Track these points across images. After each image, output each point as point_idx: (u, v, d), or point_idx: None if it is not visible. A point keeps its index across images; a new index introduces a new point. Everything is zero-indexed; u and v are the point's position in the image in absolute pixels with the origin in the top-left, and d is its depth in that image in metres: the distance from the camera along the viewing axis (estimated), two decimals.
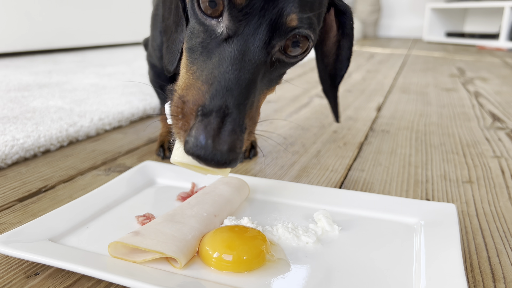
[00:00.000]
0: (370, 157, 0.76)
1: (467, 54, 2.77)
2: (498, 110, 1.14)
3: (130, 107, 1.00)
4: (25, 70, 1.58)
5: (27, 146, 0.72)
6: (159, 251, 0.38)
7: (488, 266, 0.43)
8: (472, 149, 0.81)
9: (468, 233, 0.50)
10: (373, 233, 0.46)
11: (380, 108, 1.15)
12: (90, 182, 0.63)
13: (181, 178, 0.59)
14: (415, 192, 0.61)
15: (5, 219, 0.52)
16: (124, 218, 0.49)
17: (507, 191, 0.62)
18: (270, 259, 0.41)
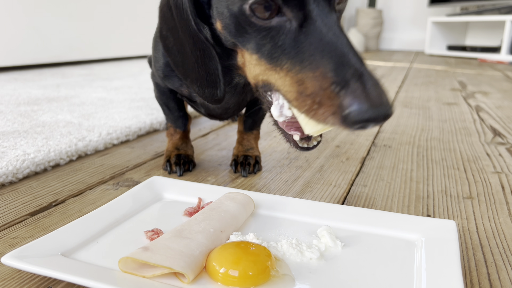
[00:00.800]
0: (372, 172, 0.77)
1: (469, 67, 2.80)
2: (499, 124, 1.16)
3: (137, 122, 1.02)
4: (34, 84, 1.61)
5: (37, 161, 0.74)
6: (168, 266, 0.40)
7: (487, 282, 0.44)
8: (473, 164, 0.82)
9: (468, 249, 0.51)
10: (375, 249, 0.48)
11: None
12: (99, 197, 0.65)
13: (188, 193, 0.61)
14: (416, 207, 0.63)
15: (17, 233, 0.53)
16: (133, 233, 0.51)
17: (507, 207, 0.63)
18: (275, 275, 0.42)
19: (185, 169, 0.75)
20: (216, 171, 0.77)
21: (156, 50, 0.67)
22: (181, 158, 0.76)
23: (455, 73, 2.44)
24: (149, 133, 1.02)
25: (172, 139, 0.79)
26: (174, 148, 0.78)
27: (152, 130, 1.03)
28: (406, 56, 3.80)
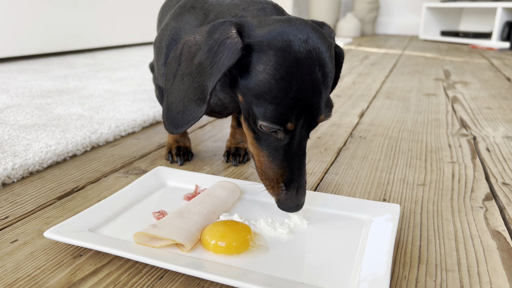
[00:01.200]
0: (345, 162, 0.90)
1: (458, 54, 2.89)
2: (468, 116, 1.28)
3: (141, 114, 1.14)
4: (43, 75, 1.72)
5: (58, 152, 0.87)
6: (172, 239, 0.53)
7: (417, 252, 0.58)
8: (434, 154, 0.95)
9: (409, 227, 0.64)
10: (333, 227, 0.61)
11: (363, 115, 1.29)
12: (113, 183, 0.78)
13: (187, 181, 0.74)
14: (376, 193, 0.76)
15: (50, 214, 0.66)
16: (143, 214, 0.64)
17: (451, 192, 0.76)
18: (254, 245, 0.55)
19: (185, 159, 0.88)
20: (211, 160, 0.90)
21: (158, 60, 0.78)
22: (181, 150, 0.88)
23: (443, 61, 2.54)
24: (152, 125, 1.14)
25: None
26: (174, 141, 0.90)
27: (155, 122, 1.15)
28: (400, 41, 3.88)
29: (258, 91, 0.52)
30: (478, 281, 0.51)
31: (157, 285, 0.49)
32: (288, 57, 0.50)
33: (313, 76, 0.51)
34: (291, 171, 0.55)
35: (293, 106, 0.51)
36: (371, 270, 0.49)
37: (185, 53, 0.58)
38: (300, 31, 0.52)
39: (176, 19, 0.74)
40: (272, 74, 0.51)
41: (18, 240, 0.58)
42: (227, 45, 0.52)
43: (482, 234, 0.62)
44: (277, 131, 0.54)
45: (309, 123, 0.54)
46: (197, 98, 0.57)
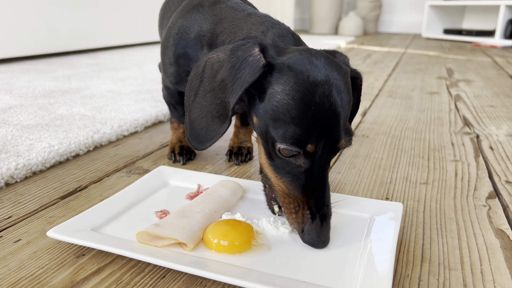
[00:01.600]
0: (347, 160, 0.90)
1: (461, 52, 2.88)
2: (471, 114, 1.28)
3: (144, 114, 1.14)
4: (46, 76, 1.73)
5: (61, 152, 0.87)
6: (174, 238, 0.53)
7: (420, 250, 0.57)
8: (436, 153, 0.95)
9: (412, 226, 0.64)
10: (335, 225, 0.61)
11: (365, 113, 1.29)
12: (115, 183, 0.78)
13: (189, 180, 0.74)
14: (379, 192, 0.76)
15: (53, 213, 0.67)
16: (146, 213, 0.64)
17: (454, 191, 0.76)
18: (256, 244, 0.55)
19: (187, 159, 0.88)
20: (213, 160, 0.90)
21: (165, 59, 0.78)
22: (184, 149, 0.89)
23: (446, 59, 2.53)
24: (154, 125, 1.14)
25: (176, 133, 0.91)
26: (178, 140, 0.90)
27: (157, 122, 1.16)
28: (403, 40, 3.87)
29: (277, 113, 0.52)
30: (481, 279, 0.51)
31: (160, 284, 0.49)
32: (307, 79, 0.51)
33: (331, 100, 0.51)
34: (316, 199, 0.53)
35: (312, 128, 0.50)
36: (374, 269, 0.49)
37: (208, 70, 0.58)
38: (317, 58, 0.53)
39: (184, 17, 0.74)
40: (291, 94, 0.51)
41: (21, 240, 0.58)
42: (249, 62, 0.53)
43: (485, 233, 0.62)
44: (297, 156, 0.52)
45: (330, 148, 0.52)
46: (220, 114, 0.57)
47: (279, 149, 0.52)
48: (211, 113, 0.58)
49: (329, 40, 3.55)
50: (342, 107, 0.52)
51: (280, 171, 0.55)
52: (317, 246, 0.53)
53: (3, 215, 0.65)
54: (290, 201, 0.55)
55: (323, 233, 0.53)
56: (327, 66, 0.53)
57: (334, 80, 0.52)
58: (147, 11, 2.87)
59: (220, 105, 0.56)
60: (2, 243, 0.57)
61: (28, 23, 2.11)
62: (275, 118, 0.52)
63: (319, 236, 0.52)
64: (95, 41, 2.55)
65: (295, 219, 0.54)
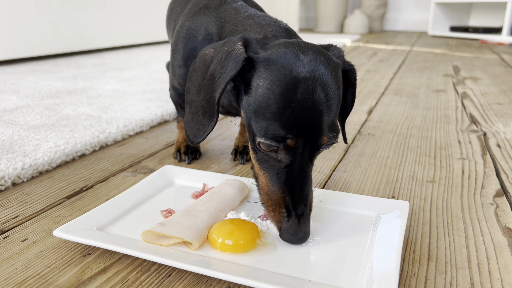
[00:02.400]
0: (353, 159, 0.90)
1: (468, 50, 2.86)
2: (478, 112, 1.26)
3: (149, 114, 1.15)
4: (52, 76, 1.74)
5: (67, 152, 0.87)
6: (179, 237, 0.53)
7: (427, 249, 0.57)
8: (443, 151, 0.94)
9: (418, 224, 0.64)
10: (341, 224, 0.60)
11: (371, 111, 1.28)
12: (121, 182, 0.78)
13: (194, 180, 0.74)
14: (385, 190, 0.75)
15: (59, 213, 0.67)
16: (151, 212, 0.64)
17: (461, 189, 0.75)
18: (260, 244, 0.55)
19: (193, 158, 0.88)
20: (218, 159, 0.90)
21: (174, 61, 0.79)
22: (189, 148, 0.89)
23: (453, 57, 2.51)
24: (160, 124, 1.15)
25: (182, 132, 0.91)
26: (184, 139, 0.90)
27: (163, 121, 1.16)
28: (408, 37, 3.85)
29: (257, 106, 0.52)
30: (488, 278, 0.51)
31: (165, 283, 0.49)
32: (290, 74, 0.50)
33: (314, 96, 0.50)
34: (293, 196, 0.52)
35: (292, 124, 0.49)
36: (380, 268, 0.49)
37: (201, 66, 0.59)
38: (304, 52, 0.52)
39: (191, 20, 0.75)
40: (271, 89, 0.50)
41: (27, 239, 0.59)
42: (232, 57, 0.53)
43: (492, 231, 0.61)
44: (277, 151, 0.52)
45: (312, 145, 0.52)
46: (210, 109, 0.57)
47: (259, 143, 0.52)
48: (203, 108, 0.58)
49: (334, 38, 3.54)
50: (327, 103, 0.51)
51: (263, 165, 0.55)
52: (295, 243, 0.54)
53: (10, 215, 0.65)
54: (268, 199, 0.55)
55: (300, 230, 0.52)
56: (314, 61, 0.51)
57: (320, 75, 0.51)
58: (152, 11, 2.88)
59: (210, 100, 0.57)
60: (9, 243, 0.58)
61: (34, 24, 2.13)
62: (256, 111, 0.52)
63: (295, 234, 0.52)
64: (100, 41, 2.56)
65: (273, 217, 0.54)
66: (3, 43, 2.01)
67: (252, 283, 0.45)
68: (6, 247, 0.57)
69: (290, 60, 0.51)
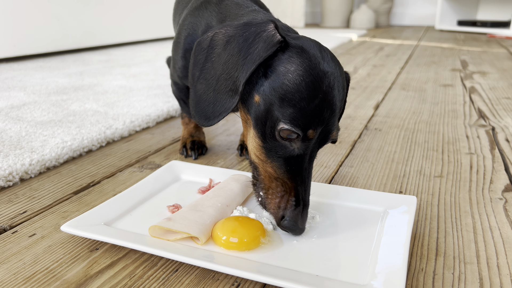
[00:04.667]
0: (360, 154, 0.89)
1: (476, 44, 2.83)
2: (487, 107, 1.25)
3: (155, 110, 1.15)
4: (59, 72, 1.75)
5: (74, 147, 0.88)
6: (186, 232, 0.53)
7: (435, 244, 0.57)
8: (451, 146, 0.93)
9: (426, 219, 0.63)
10: (348, 220, 0.60)
11: (378, 106, 1.27)
12: (128, 178, 0.78)
13: (201, 175, 0.74)
14: (392, 185, 0.75)
15: (67, 208, 0.67)
16: (158, 207, 0.64)
17: (469, 184, 0.75)
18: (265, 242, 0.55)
19: (199, 153, 0.88)
20: (225, 154, 0.90)
21: (176, 53, 0.79)
22: (195, 144, 0.89)
23: (460, 51, 2.49)
24: (166, 120, 1.15)
25: (187, 128, 0.91)
26: (189, 135, 0.90)
27: (169, 117, 1.16)
28: (415, 32, 3.82)
29: (286, 92, 0.51)
30: (497, 273, 0.50)
31: (172, 278, 0.49)
32: (319, 66, 0.52)
33: (334, 92, 0.52)
34: (303, 185, 0.53)
35: (316, 114, 0.51)
36: (388, 263, 0.49)
37: (215, 45, 0.57)
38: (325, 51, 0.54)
39: (193, 14, 0.76)
40: (304, 76, 0.51)
41: (36, 234, 0.59)
42: (264, 37, 0.52)
43: (501, 226, 0.60)
44: (294, 140, 0.52)
45: (322, 138, 0.54)
46: (229, 89, 0.55)
47: (281, 129, 0.51)
48: (220, 89, 0.56)
49: (340, 33, 3.52)
50: (341, 101, 0.54)
51: (271, 154, 0.54)
52: (295, 233, 0.54)
53: (18, 210, 0.66)
54: (277, 185, 0.54)
55: (302, 220, 0.53)
56: (333, 59, 0.54)
57: (337, 75, 0.54)
58: (158, 7, 2.88)
59: (230, 80, 0.54)
60: (17, 238, 0.58)
61: (41, 21, 2.13)
62: (283, 97, 0.51)
63: (300, 223, 0.53)
64: (107, 38, 2.56)
65: (278, 204, 0.54)
66: (10, 40, 2.02)
67: (259, 278, 0.45)
68: (14, 242, 0.57)
69: (318, 54, 0.53)
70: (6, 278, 0.49)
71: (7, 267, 0.51)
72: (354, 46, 2.81)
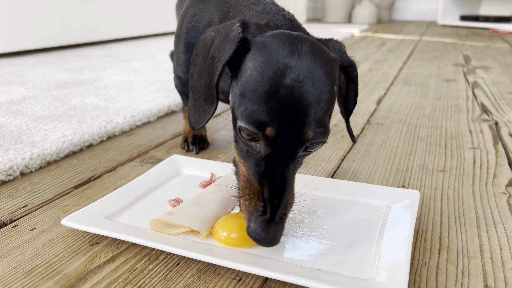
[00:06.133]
0: (362, 149, 0.89)
1: (478, 39, 2.82)
2: (490, 101, 1.24)
3: (156, 104, 1.14)
4: (60, 67, 1.74)
5: (75, 142, 0.87)
6: (188, 226, 0.53)
7: (438, 238, 0.56)
8: (454, 140, 0.93)
9: (429, 214, 0.63)
10: (351, 214, 0.60)
11: (380, 101, 1.27)
12: (129, 172, 0.78)
13: (202, 169, 0.73)
14: (394, 180, 0.74)
15: (67, 202, 0.67)
16: (159, 201, 0.64)
17: (472, 178, 0.74)
18: None
19: (200, 148, 0.88)
20: (226, 149, 0.89)
21: (178, 48, 0.78)
22: (197, 138, 0.88)
23: (463, 46, 2.48)
24: (167, 114, 1.14)
25: (187, 121, 0.91)
26: (190, 130, 0.90)
27: (170, 112, 1.15)
28: (418, 27, 3.80)
29: (244, 88, 0.48)
30: (501, 267, 0.50)
31: (174, 272, 0.49)
32: (282, 60, 0.47)
33: (304, 87, 0.47)
34: (272, 191, 0.48)
35: (276, 111, 0.46)
36: (390, 257, 0.48)
37: (202, 50, 0.57)
38: (301, 43, 0.49)
39: (196, 5, 0.74)
40: (261, 71, 0.48)
41: (36, 228, 0.59)
42: (229, 39, 0.51)
43: (505, 220, 0.60)
44: (258, 140, 0.48)
45: (295, 139, 0.47)
46: (209, 96, 0.54)
47: (239, 127, 0.49)
48: (205, 93, 0.56)
49: (342, 28, 3.51)
50: (316, 96, 0.47)
51: (243, 155, 0.51)
52: (260, 242, 0.47)
53: (19, 204, 0.66)
54: (247, 186, 0.51)
55: (270, 230, 0.47)
56: (309, 52, 0.49)
57: (313, 68, 0.48)
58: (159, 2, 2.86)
59: (210, 85, 0.54)
60: (18, 232, 0.58)
61: (42, 16, 2.13)
62: (242, 94, 0.49)
63: (264, 231, 0.46)
64: (107, 32, 2.55)
65: (247, 207, 0.50)
66: (11, 35, 2.01)
67: (261, 272, 0.45)
68: (15, 236, 0.57)
69: (286, 48, 0.48)
70: (6, 272, 0.49)
71: (7, 261, 0.51)
72: (356, 41, 2.80)
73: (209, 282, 0.47)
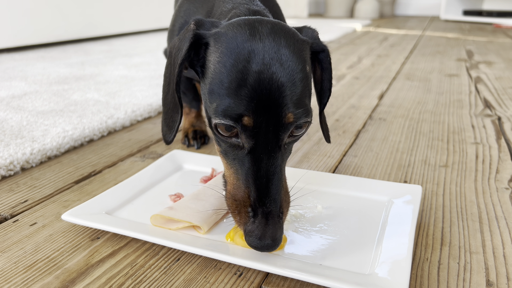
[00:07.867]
0: (364, 144, 0.88)
1: (481, 34, 2.80)
2: (493, 96, 1.24)
3: (157, 99, 1.14)
4: (60, 62, 1.74)
5: (75, 137, 0.87)
6: (188, 221, 0.52)
7: (440, 233, 0.56)
8: (456, 135, 0.92)
9: (431, 209, 0.62)
10: (352, 209, 0.59)
11: (382, 96, 1.26)
12: (129, 167, 0.78)
13: (203, 164, 0.73)
14: (396, 175, 0.74)
15: (68, 197, 0.67)
16: (160, 196, 0.63)
17: (475, 173, 0.73)
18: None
19: (202, 143, 0.87)
20: None
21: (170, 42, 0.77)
22: (197, 133, 0.88)
23: (466, 41, 2.46)
24: None
25: (187, 117, 0.91)
26: (190, 125, 0.89)
27: None
28: (420, 22, 3.78)
29: (211, 85, 0.46)
30: (503, 263, 0.49)
31: (174, 267, 0.49)
32: (242, 44, 0.45)
33: (273, 68, 0.44)
34: (259, 190, 0.45)
35: (248, 98, 0.43)
36: (392, 252, 0.48)
37: (168, 60, 0.55)
38: (262, 25, 0.47)
39: (189, 1, 0.73)
40: (222, 61, 0.45)
41: (37, 223, 0.59)
42: (184, 39, 0.49)
43: (507, 216, 0.60)
44: (237, 134, 0.46)
45: (276, 124, 0.45)
46: (175, 102, 0.52)
47: (215, 125, 0.46)
48: (172, 102, 0.53)
49: (344, 23, 3.49)
50: (289, 76, 0.45)
51: (228, 158, 0.48)
52: (261, 250, 0.44)
53: (19, 199, 0.65)
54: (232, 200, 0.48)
55: (267, 234, 0.44)
56: (272, 33, 0.46)
57: (278, 48, 0.45)
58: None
59: (173, 92, 0.51)
60: (18, 226, 0.58)
61: (43, 11, 2.12)
62: (210, 91, 0.46)
63: (261, 238, 0.43)
64: (108, 28, 2.54)
65: (239, 222, 0.47)
66: (11, 30, 2.01)
67: (262, 267, 0.45)
68: (15, 231, 0.57)
69: (243, 32, 0.46)
70: (7, 266, 0.49)
71: (8, 256, 0.51)
72: (358, 36, 2.78)
73: (210, 277, 0.47)
